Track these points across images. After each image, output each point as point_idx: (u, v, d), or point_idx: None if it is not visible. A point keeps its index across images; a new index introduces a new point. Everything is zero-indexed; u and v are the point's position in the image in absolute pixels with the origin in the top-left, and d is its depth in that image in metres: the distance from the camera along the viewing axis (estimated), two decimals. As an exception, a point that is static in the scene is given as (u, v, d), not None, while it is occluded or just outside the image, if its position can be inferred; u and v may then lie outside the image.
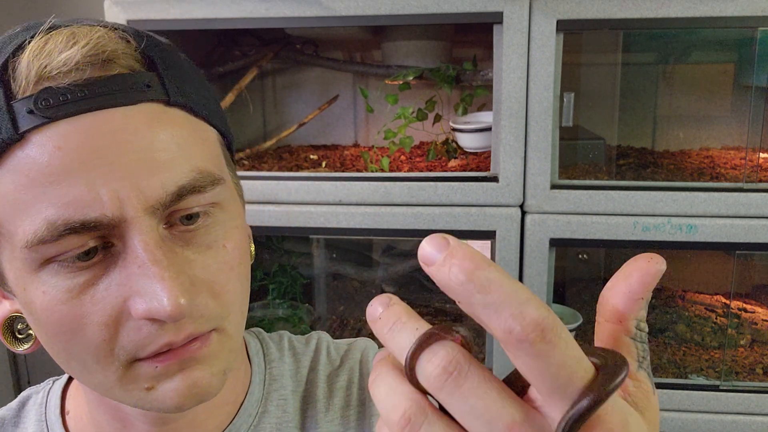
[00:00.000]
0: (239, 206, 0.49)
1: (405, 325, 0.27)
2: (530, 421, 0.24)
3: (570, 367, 0.23)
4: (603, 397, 0.23)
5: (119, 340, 0.40)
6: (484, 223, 1.11)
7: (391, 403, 0.26)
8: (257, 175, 1.19)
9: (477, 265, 0.23)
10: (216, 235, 0.43)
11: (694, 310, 1.36)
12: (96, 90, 0.39)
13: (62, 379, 0.56)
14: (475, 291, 0.23)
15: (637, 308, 0.28)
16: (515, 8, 1.03)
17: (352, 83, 1.53)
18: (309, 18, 1.09)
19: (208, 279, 0.42)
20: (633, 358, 0.28)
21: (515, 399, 0.24)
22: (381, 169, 1.21)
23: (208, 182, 0.42)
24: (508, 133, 1.08)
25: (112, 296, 0.39)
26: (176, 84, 0.43)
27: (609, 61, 1.37)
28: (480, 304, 0.23)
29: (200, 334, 0.42)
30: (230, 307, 0.44)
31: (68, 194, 0.37)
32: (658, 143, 1.41)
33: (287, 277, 1.48)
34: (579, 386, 0.23)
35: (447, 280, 0.23)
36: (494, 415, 0.24)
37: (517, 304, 0.23)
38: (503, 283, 0.23)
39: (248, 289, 0.48)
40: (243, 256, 0.46)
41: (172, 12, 1.11)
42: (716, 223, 1.08)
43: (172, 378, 0.41)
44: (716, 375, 1.20)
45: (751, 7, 1.00)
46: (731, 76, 1.35)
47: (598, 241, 1.11)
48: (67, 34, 0.40)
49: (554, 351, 0.23)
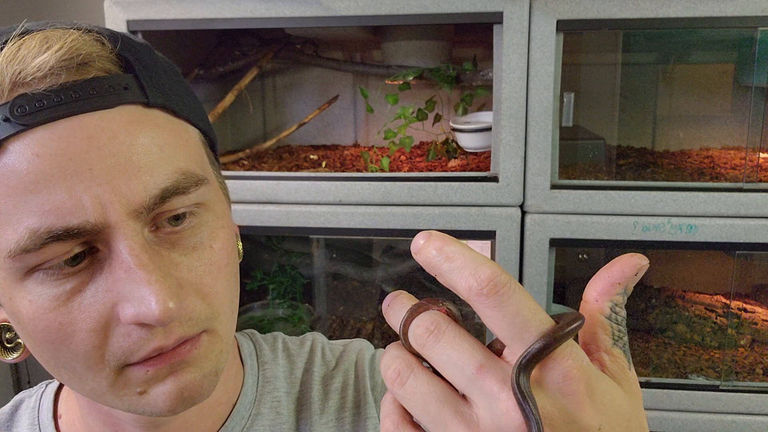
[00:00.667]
0: (225, 206, 0.49)
1: (403, 304, 0.33)
2: (495, 365, 0.29)
3: (524, 316, 0.28)
4: (554, 341, 0.28)
5: (109, 347, 0.40)
6: (484, 223, 1.11)
7: (386, 363, 0.32)
8: (257, 175, 1.19)
9: (445, 242, 0.29)
10: (202, 236, 0.43)
11: (694, 310, 1.36)
12: (72, 95, 0.38)
13: (55, 382, 0.56)
14: (444, 261, 0.29)
15: (613, 291, 0.31)
16: (515, 8, 1.03)
17: (352, 83, 1.53)
18: (309, 18, 1.09)
19: (195, 281, 0.42)
20: (608, 335, 0.31)
21: (484, 349, 0.30)
22: (381, 169, 1.21)
23: (191, 183, 0.42)
24: (508, 133, 1.08)
25: (100, 302, 0.39)
26: (155, 85, 0.43)
27: (609, 61, 1.37)
28: (448, 271, 0.29)
29: (190, 336, 0.41)
30: (219, 308, 0.44)
31: (49, 202, 0.37)
32: (658, 143, 1.40)
33: (287, 277, 1.48)
34: (535, 333, 0.28)
35: (426, 258, 0.30)
36: (465, 361, 0.29)
37: (474, 266, 0.28)
38: (464, 253, 0.29)
39: (237, 288, 0.48)
40: (230, 256, 0.45)
41: (172, 12, 1.11)
42: (716, 223, 1.08)
43: (163, 381, 0.41)
44: (716, 375, 1.20)
45: (751, 7, 1.00)
46: (731, 76, 1.35)
47: (598, 241, 1.11)
48: (40, 39, 0.39)
49: (508, 302, 0.28)
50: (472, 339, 0.30)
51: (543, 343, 0.28)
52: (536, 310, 0.29)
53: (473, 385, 0.29)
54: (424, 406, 0.30)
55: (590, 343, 0.32)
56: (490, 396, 0.28)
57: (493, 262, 0.29)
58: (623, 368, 0.31)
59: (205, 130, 0.48)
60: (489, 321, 0.29)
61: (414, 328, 0.31)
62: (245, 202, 1.17)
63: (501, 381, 0.28)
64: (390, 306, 0.33)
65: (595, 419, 0.29)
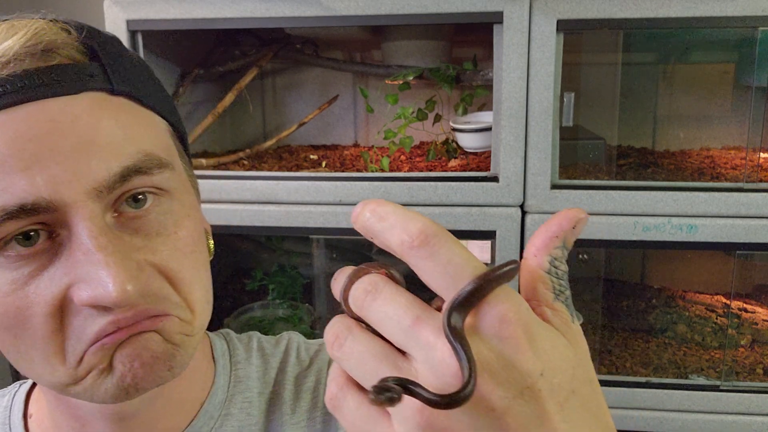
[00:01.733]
0: (193, 198, 0.48)
1: (345, 273, 0.32)
2: (432, 316, 0.28)
3: (457, 263, 0.28)
4: (486, 283, 0.27)
5: (67, 334, 0.39)
6: (484, 223, 1.11)
7: (327, 330, 0.31)
8: (257, 175, 1.19)
9: (378, 204, 0.29)
10: (166, 222, 0.43)
11: (695, 310, 1.36)
12: (36, 80, 0.38)
13: (29, 382, 0.55)
14: (377, 221, 0.29)
15: (551, 245, 0.31)
16: (515, 8, 1.03)
17: (352, 83, 1.53)
18: (309, 18, 1.08)
19: (160, 263, 0.41)
20: (548, 289, 0.31)
21: (422, 303, 0.29)
22: (381, 169, 1.21)
23: (154, 164, 0.42)
24: (508, 133, 1.08)
25: (56, 285, 0.38)
26: (120, 74, 0.43)
27: (609, 61, 1.37)
28: (381, 230, 0.29)
29: (156, 313, 0.41)
30: (187, 295, 0.43)
31: (4, 180, 0.37)
32: (659, 143, 1.40)
33: (287, 277, 1.48)
34: (468, 279, 0.28)
35: (362, 222, 0.30)
36: (401, 315, 0.29)
37: (404, 221, 0.28)
38: (396, 211, 0.29)
39: (207, 282, 0.47)
40: (197, 246, 0.45)
41: (172, 12, 1.11)
42: (716, 223, 1.08)
43: (124, 346, 0.40)
44: (717, 375, 1.20)
45: (751, 7, 1.00)
46: (731, 76, 1.35)
47: (598, 241, 1.11)
48: (6, 27, 0.39)
49: (440, 251, 0.28)
50: (410, 295, 0.29)
51: (474, 285, 0.27)
52: (469, 257, 0.28)
53: (410, 338, 0.28)
54: (362, 365, 0.29)
55: (531, 298, 0.31)
56: (426, 346, 0.28)
57: (425, 217, 0.28)
58: (566, 321, 0.31)
59: (174, 123, 0.49)
60: (423, 274, 0.28)
61: (353, 292, 0.30)
62: (245, 202, 1.17)
63: (437, 330, 0.28)
64: (334, 278, 0.33)
65: (536, 364, 0.27)
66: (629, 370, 1.23)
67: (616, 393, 1.16)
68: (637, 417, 1.16)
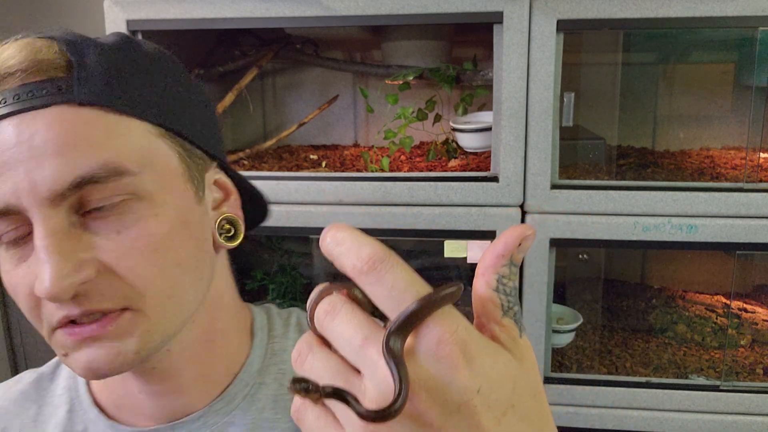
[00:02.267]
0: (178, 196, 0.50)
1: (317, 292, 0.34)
2: (379, 337, 0.30)
3: (400, 287, 0.30)
4: (426, 306, 0.29)
5: (42, 314, 0.47)
6: (484, 223, 1.11)
7: (294, 347, 0.34)
8: (257, 175, 1.19)
9: (337, 229, 0.31)
10: (128, 221, 0.47)
11: (695, 310, 1.36)
12: (13, 98, 0.44)
13: None
14: (335, 246, 0.31)
15: (498, 264, 0.33)
16: (515, 8, 1.03)
17: (352, 83, 1.53)
18: (309, 18, 1.08)
19: (112, 262, 0.46)
20: (496, 306, 0.33)
21: (373, 324, 0.31)
22: (381, 169, 1.21)
23: (111, 173, 0.45)
24: (508, 133, 1.08)
25: (28, 276, 0.46)
26: (91, 85, 0.46)
27: (609, 61, 1.37)
28: (338, 255, 0.31)
29: (105, 311, 0.46)
30: (144, 290, 0.47)
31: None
32: (659, 143, 1.40)
33: (287, 277, 1.48)
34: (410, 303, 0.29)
35: (324, 247, 0.32)
36: (353, 335, 0.31)
37: (357, 247, 0.30)
38: (351, 237, 0.31)
39: (180, 274, 0.50)
40: (164, 243, 0.48)
41: (172, 12, 1.11)
42: (716, 223, 1.08)
43: (79, 351, 0.47)
44: (717, 375, 1.20)
45: (751, 7, 1.00)
46: (731, 76, 1.35)
47: (598, 241, 1.11)
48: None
49: (386, 276, 0.30)
50: (365, 316, 0.32)
51: (414, 307, 0.29)
52: (413, 281, 0.30)
53: (360, 357, 0.30)
54: (320, 380, 0.32)
55: (482, 315, 0.33)
56: (372, 365, 0.30)
57: (376, 242, 0.31)
58: (513, 337, 0.33)
59: (169, 123, 0.50)
60: (373, 297, 0.31)
61: (316, 311, 0.33)
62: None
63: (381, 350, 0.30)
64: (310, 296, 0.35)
65: (473, 381, 0.29)
66: (629, 370, 1.23)
67: (616, 393, 1.17)
68: (637, 417, 1.16)
